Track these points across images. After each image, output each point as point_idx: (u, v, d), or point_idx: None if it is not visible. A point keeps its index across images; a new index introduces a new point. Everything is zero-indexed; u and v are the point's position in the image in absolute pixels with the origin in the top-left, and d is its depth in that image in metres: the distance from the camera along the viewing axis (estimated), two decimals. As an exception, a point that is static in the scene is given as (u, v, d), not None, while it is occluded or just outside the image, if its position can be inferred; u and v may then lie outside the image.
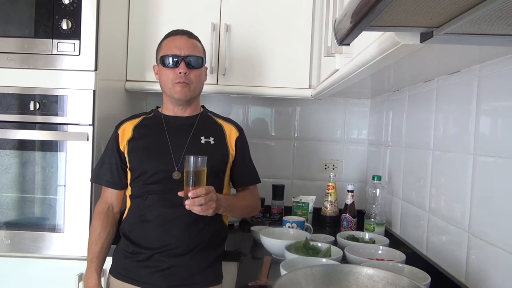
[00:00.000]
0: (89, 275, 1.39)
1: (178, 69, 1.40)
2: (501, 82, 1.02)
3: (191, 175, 1.24)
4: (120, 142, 1.44)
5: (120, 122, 1.49)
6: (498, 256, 1.00)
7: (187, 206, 1.23)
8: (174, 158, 1.39)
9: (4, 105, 1.59)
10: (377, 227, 1.73)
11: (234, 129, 1.52)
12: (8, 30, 1.58)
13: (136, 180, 1.40)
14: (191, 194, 1.22)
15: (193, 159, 1.24)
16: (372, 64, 0.97)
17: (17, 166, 1.63)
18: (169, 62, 1.41)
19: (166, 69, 1.42)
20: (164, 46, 1.45)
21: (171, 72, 1.41)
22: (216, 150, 1.45)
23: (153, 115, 1.51)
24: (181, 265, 1.35)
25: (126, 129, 1.45)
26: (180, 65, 1.40)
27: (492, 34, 0.68)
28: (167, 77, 1.42)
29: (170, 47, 1.43)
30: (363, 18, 0.54)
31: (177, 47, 1.42)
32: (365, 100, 2.25)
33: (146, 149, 1.42)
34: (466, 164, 1.16)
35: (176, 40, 1.44)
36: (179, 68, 1.40)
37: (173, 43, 1.44)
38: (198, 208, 1.23)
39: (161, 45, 1.47)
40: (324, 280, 0.99)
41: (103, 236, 1.43)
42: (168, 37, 1.47)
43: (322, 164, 2.26)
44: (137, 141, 1.43)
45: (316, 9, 1.90)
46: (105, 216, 1.44)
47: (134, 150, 1.42)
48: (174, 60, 1.41)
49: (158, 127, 1.46)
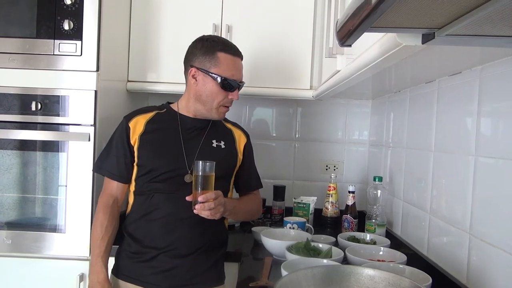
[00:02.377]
0: (98, 269, 1.34)
1: (233, 96, 1.40)
2: (503, 83, 1.02)
3: (200, 180, 1.25)
4: (131, 135, 1.39)
5: (131, 114, 1.45)
6: (499, 257, 1.00)
7: (196, 211, 1.24)
8: (187, 160, 1.38)
9: (6, 105, 1.59)
10: (378, 228, 1.73)
11: (242, 135, 1.54)
12: (9, 31, 1.59)
13: (142, 177, 1.38)
14: (201, 198, 1.23)
15: (202, 164, 1.25)
16: (374, 65, 0.97)
17: (18, 166, 1.63)
18: (231, 87, 1.39)
19: (221, 89, 1.38)
20: (224, 63, 1.38)
21: (224, 94, 1.39)
22: (227, 154, 1.45)
23: (166, 111, 1.47)
24: (184, 266, 1.35)
25: (138, 123, 1.41)
26: (235, 92, 1.40)
27: (493, 35, 0.68)
28: (217, 96, 1.39)
29: (232, 70, 1.39)
30: (365, 19, 0.54)
31: (238, 72, 1.41)
32: (366, 101, 2.24)
33: (158, 146, 1.39)
34: (467, 165, 1.16)
35: (236, 63, 1.42)
36: (233, 94, 1.40)
37: (234, 65, 1.40)
38: (207, 212, 1.23)
39: (217, 58, 1.38)
40: (325, 281, 0.99)
41: (110, 230, 1.39)
42: (227, 53, 1.39)
43: (323, 165, 2.26)
44: (149, 136, 1.40)
45: (318, 10, 1.90)
46: (111, 210, 1.40)
47: (145, 146, 1.38)
48: (235, 86, 1.40)
49: (172, 125, 1.43)
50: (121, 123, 1.43)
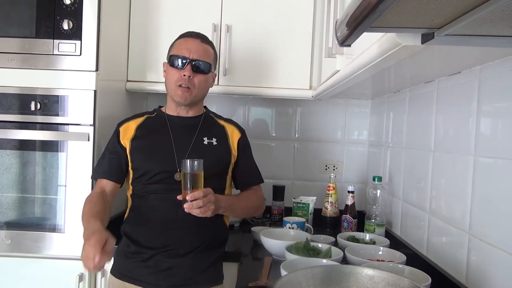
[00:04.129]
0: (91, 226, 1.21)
1: (183, 71, 1.40)
2: (502, 83, 1.02)
3: (188, 178, 1.25)
4: (121, 138, 1.43)
5: (122, 121, 1.49)
6: (498, 257, 1.00)
7: (186, 209, 1.24)
8: (177, 159, 1.38)
9: (5, 105, 1.59)
10: (377, 228, 1.73)
11: (236, 130, 1.53)
12: (9, 30, 1.59)
13: (138, 180, 1.40)
14: (189, 197, 1.23)
15: (189, 163, 1.25)
16: (373, 65, 0.97)
17: (18, 166, 1.63)
18: (177, 63, 1.41)
19: (172, 68, 1.43)
20: (175, 46, 1.46)
21: (176, 72, 1.42)
22: (219, 151, 1.45)
23: (156, 115, 1.51)
24: (182, 265, 1.35)
25: (128, 128, 1.45)
26: (186, 67, 1.41)
27: (493, 35, 0.68)
28: (172, 77, 1.43)
29: (181, 48, 1.43)
30: (364, 19, 0.54)
31: (187, 49, 1.42)
32: (365, 101, 2.24)
33: (149, 149, 1.41)
34: (466, 165, 1.16)
35: (188, 42, 1.44)
36: (184, 70, 1.40)
37: (184, 44, 1.44)
38: (197, 210, 1.23)
39: (173, 44, 1.48)
40: (325, 281, 0.99)
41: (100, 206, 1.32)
42: (181, 38, 1.47)
43: (323, 165, 2.26)
44: (140, 140, 1.43)
45: (317, 10, 1.90)
46: (99, 195, 1.37)
47: (137, 149, 1.41)
48: (182, 62, 1.41)
49: (162, 127, 1.46)
50: (114, 130, 1.48)
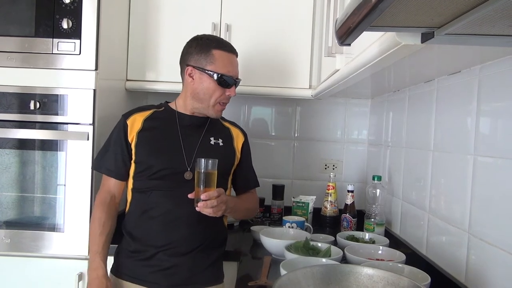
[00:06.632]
0: (97, 266, 1.31)
1: (230, 91, 1.40)
2: (502, 82, 1.02)
3: (202, 177, 1.24)
4: (129, 133, 1.39)
5: (129, 112, 1.45)
6: (498, 257, 1.00)
7: (199, 208, 1.23)
8: (186, 157, 1.38)
9: (4, 104, 1.59)
10: (377, 227, 1.73)
11: (240, 134, 1.54)
12: (8, 29, 1.58)
13: (140, 174, 1.38)
14: (204, 196, 1.23)
15: (205, 162, 1.25)
16: (373, 64, 0.97)
17: (17, 165, 1.63)
18: (227, 84, 1.39)
19: (218, 86, 1.38)
20: (219, 60, 1.39)
21: (221, 91, 1.39)
22: (225, 152, 1.46)
23: (164, 110, 1.48)
24: (183, 265, 1.35)
25: (136, 120, 1.41)
26: (232, 88, 1.40)
27: (493, 34, 0.68)
28: (213, 93, 1.39)
29: (227, 66, 1.39)
30: (364, 18, 0.54)
31: (233, 68, 1.41)
32: (365, 100, 2.25)
33: (155, 143, 1.39)
34: (466, 164, 1.16)
35: (232, 59, 1.42)
36: (230, 91, 1.40)
37: (229, 61, 1.41)
38: (209, 210, 1.23)
39: (213, 55, 1.39)
40: (324, 280, 0.99)
41: (108, 226, 1.37)
42: (222, 50, 1.40)
43: (322, 164, 2.26)
44: (147, 133, 1.40)
45: (317, 9, 1.90)
46: (108, 207, 1.39)
47: (143, 143, 1.38)
48: (231, 82, 1.40)
49: (170, 123, 1.43)
50: (119, 121, 1.43)
